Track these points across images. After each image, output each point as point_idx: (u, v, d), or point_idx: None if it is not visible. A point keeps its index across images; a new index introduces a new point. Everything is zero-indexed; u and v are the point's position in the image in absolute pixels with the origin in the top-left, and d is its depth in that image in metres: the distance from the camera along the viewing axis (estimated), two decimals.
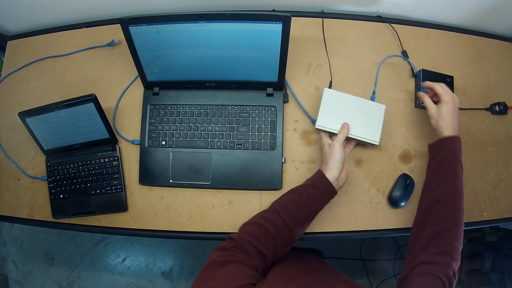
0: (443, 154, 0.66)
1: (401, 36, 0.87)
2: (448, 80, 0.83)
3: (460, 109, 0.83)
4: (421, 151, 0.81)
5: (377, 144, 0.75)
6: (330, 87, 0.82)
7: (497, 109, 0.84)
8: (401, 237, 1.72)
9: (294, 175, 0.79)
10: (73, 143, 0.80)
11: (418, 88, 0.82)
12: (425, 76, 0.82)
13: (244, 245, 0.58)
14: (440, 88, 0.72)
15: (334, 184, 0.66)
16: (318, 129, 0.76)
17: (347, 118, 0.74)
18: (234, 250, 0.58)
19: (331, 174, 0.67)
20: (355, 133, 0.74)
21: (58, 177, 0.80)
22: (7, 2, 0.87)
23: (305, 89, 0.83)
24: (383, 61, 0.84)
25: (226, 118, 0.80)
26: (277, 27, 0.66)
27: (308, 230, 0.76)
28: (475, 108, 0.85)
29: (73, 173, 0.80)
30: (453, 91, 0.82)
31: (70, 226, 0.81)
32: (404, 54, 0.86)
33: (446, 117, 0.69)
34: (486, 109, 0.85)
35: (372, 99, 0.81)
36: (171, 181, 0.79)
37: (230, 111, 0.80)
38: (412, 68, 0.85)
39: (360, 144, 0.79)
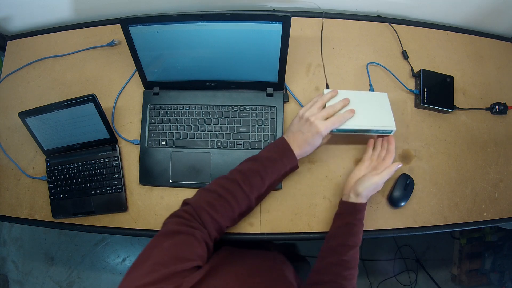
0: (345, 219, 0.68)
1: (401, 36, 0.87)
2: (448, 80, 0.83)
3: (460, 109, 0.83)
4: (421, 151, 0.81)
5: (395, 129, 0.71)
6: (327, 88, 0.82)
7: (497, 109, 0.84)
8: (401, 237, 1.72)
9: (294, 175, 0.79)
10: (73, 143, 0.80)
11: (418, 87, 0.82)
12: (425, 76, 0.82)
13: (201, 214, 0.56)
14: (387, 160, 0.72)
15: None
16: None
17: (358, 112, 0.70)
18: (189, 219, 0.56)
19: (300, 155, 0.67)
20: (371, 124, 0.70)
21: (58, 177, 0.80)
22: (7, 2, 0.87)
23: (305, 89, 0.83)
24: (369, 64, 0.84)
25: (226, 118, 0.80)
26: (277, 27, 0.66)
27: (308, 230, 0.77)
28: (475, 108, 0.85)
29: (73, 173, 0.80)
30: (453, 91, 0.83)
31: (70, 226, 0.81)
32: (404, 54, 0.86)
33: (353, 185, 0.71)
34: (486, 109, 0.85)
35: (372, 90, 0.80)
36: (171, 181, 0.79)
37: (230, 111, 0.80)
38: (412, 68, 0.85)
39: (360, 144, 0.79)
